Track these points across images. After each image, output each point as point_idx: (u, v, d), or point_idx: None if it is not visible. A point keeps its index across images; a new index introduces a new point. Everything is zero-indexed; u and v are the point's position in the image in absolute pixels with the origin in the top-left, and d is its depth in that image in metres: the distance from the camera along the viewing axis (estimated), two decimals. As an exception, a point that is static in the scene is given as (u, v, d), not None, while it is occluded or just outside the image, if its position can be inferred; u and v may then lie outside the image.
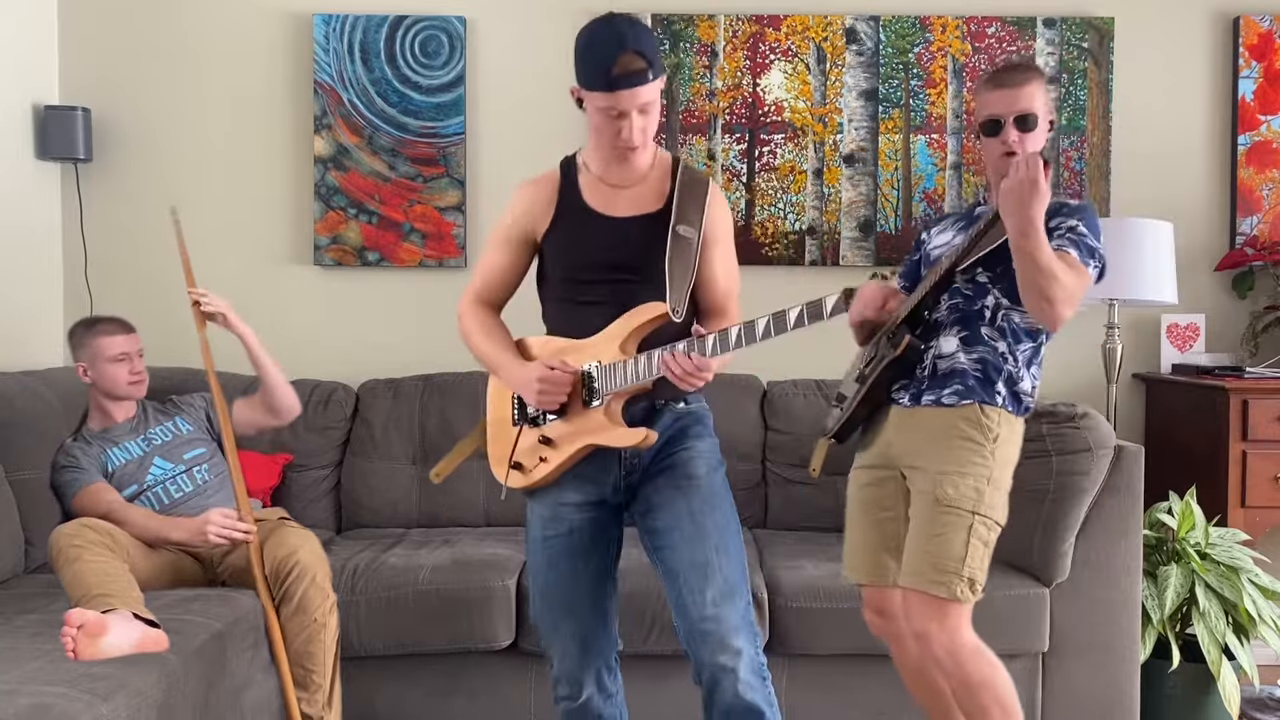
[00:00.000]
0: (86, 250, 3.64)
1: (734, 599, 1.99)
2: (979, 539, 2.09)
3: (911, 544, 2.15)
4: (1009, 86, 2.17)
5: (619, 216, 2.09)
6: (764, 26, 3.64)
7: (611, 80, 1.93)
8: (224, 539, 2.57)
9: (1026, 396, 2.21)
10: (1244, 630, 2.90)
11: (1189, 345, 3.63)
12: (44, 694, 1.86)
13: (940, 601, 2.08)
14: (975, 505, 2.09)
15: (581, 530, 2.11)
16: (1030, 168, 1.95)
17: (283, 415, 2.93)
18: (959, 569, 2.07)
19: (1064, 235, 2.13)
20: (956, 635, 2.09)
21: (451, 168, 3.65)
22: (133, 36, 3.67)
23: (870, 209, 3.66)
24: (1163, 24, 3.69)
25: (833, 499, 3.30)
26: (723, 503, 2.09)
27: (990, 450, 2.13)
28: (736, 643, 1.97)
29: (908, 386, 2.22)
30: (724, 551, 2.02)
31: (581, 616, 2.12)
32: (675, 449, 2.10)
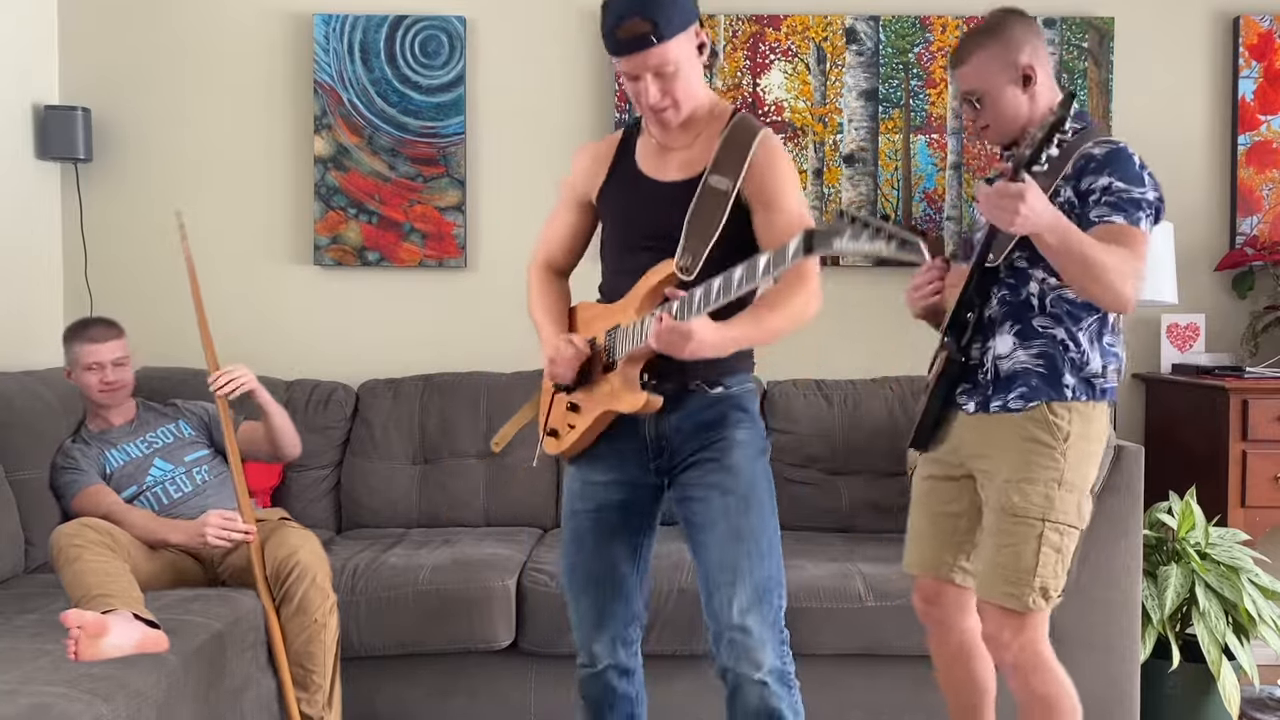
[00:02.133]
0: (86, 250, 3.64)
1: (762, 607, 1.94)
2: (1050, 546, 2.03)
3: (983, 554, 2.11)
4: (953, 68, 2.16)
5: (665, 180, 2.00)
6: (764, 26, 3.64)
7: (617, 44, 1.88)
8: (222, 540, 2.57)
9: (1099, 378, 2.07)
10: (1244, 630, 2.90)
11: (1189, 345, 3.63)
12: (44, 694, 1.86)
13: (1013, 613, 2.05)
14: (1045, 512, 2.02)
15: (609, 509, 2.08)
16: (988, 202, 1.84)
17: (286, 456, 2.94)
18: (1029, 580, 2.03)
19: (1100, 201, 1.98)
20: (1029, 646, 2.07)
21: (451, 168, 3.65)
22: (133, 36, 3.67)
23: (870, 209, 3.66)
24: (1163, 24, 3.69)
25: (833, 499, 3.31)
26: (762, 500, 2.00)
27: (1061, 451, 2.04)
28: (762, 655, 1.93)
29: (972, 392, 2.14)
30: (757, 555, 1.95)
31: (600, 588, 2.10)
32: (714, 437, 2.01)
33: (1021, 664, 2.08)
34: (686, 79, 1.92)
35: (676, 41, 1.88)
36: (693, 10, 1.91)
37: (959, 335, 2.12)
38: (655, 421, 2.02)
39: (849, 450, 3.34)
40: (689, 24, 1.90)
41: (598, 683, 2.16)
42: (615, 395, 2.00)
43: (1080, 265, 1.89)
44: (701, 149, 2.00)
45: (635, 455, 2.06)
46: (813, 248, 1.70)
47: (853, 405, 3.39)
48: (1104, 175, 1.99)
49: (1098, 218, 1.96)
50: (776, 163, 1.97)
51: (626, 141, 2.09)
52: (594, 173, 2.10)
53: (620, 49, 1.88)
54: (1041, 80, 2.11)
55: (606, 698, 2.18)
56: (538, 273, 2.21)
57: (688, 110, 1.96)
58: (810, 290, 1.96)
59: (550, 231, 2.21)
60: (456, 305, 3.71)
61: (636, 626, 2.17)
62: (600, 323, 2.07)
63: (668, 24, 1.85)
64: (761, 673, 1.93)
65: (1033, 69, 2.09)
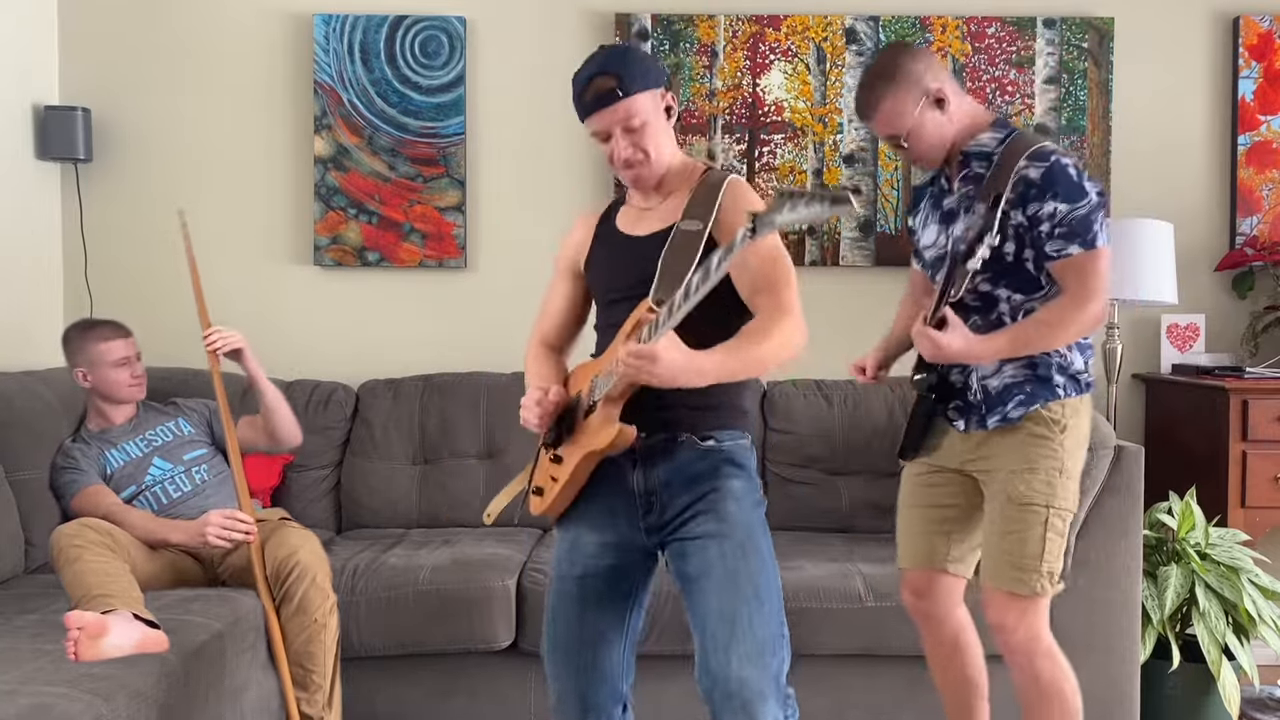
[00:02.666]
0: (86, 250, 3.64)
1: (763, 658, 1.80)
2: (1054, 531, 2.12)
3: (989, 544, 2.18)
4: (865, 119, 2.21)
5: (641, 235, 2.01)
6: (764, 26, 3.64)
7: (584, 107, 1.95)
8: (223, 540, 2.57)
9: (1083, 374, 2.18)
10: (1244, 630, 2.90)
11: (1189, 345, 3.63)
12: (44, 694, 1.86)
13: (1021, 598, 2.13)
14: (1048, 499, 2.11)
15: (596, 576, 1.98)
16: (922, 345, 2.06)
17: (285, 444, 2.94)
18: (1037, 565, 2.11)
19: (1054, 234, 2.05)
20: (1034, 631, 2.15)
21: (451, 168, 3.65)
22: (133, 36, 3.67)
23: (870, 209, 3.66)
24: (1163, 24, 3.69)
25: (832, 499, 3.31)
26: (759, 548, 1.90)
27: (1059, 442, 2.13)
28: (762, 710, 1.78)
29: (963, 411, 2.21)
30: (755, 602, 1.83)
31: (582, 672, 1.99)
32: (705, 489, 1.93)
33: (1027, 648, 2.15)
34: (655, 133, 1.97)
35: (642, 97, 1.94)
36: (660, 74, 1.98)
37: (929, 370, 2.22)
38: (644, 474, 1.95)
39: (849, 450, 3.34)
40: (655, 85, 1.96)
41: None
42: (593, 434, 1.92)
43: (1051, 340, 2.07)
44: (675, 203, 2.01)
45: (625, 511, 1.97)
46: (757, 229, 1.66)
47: (853, 405, 3.39)
48: (1048, 200, 2.04)
49: (1055, 251, 2.06)
50: (745, 199, 1.96)
51: (610, 210, 2.13)
52: (582, 241, 2.12)
53: (588, 109, 1.94)
54: (951, 94, 2.17)
55: None
56: (533, 348, 2.19)
57: (660, 165, 1.99)
58: (793, 321, 1.88)
59: (545, 304, 2.20)
60: (456, 305, 3.71)
61: (622, 707, 2.05)
62: (586, 374, 2.02)
63: (631, 80, 1.92)
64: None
65: (942, 90, 2.15)
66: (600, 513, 1.99)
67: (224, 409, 2.73)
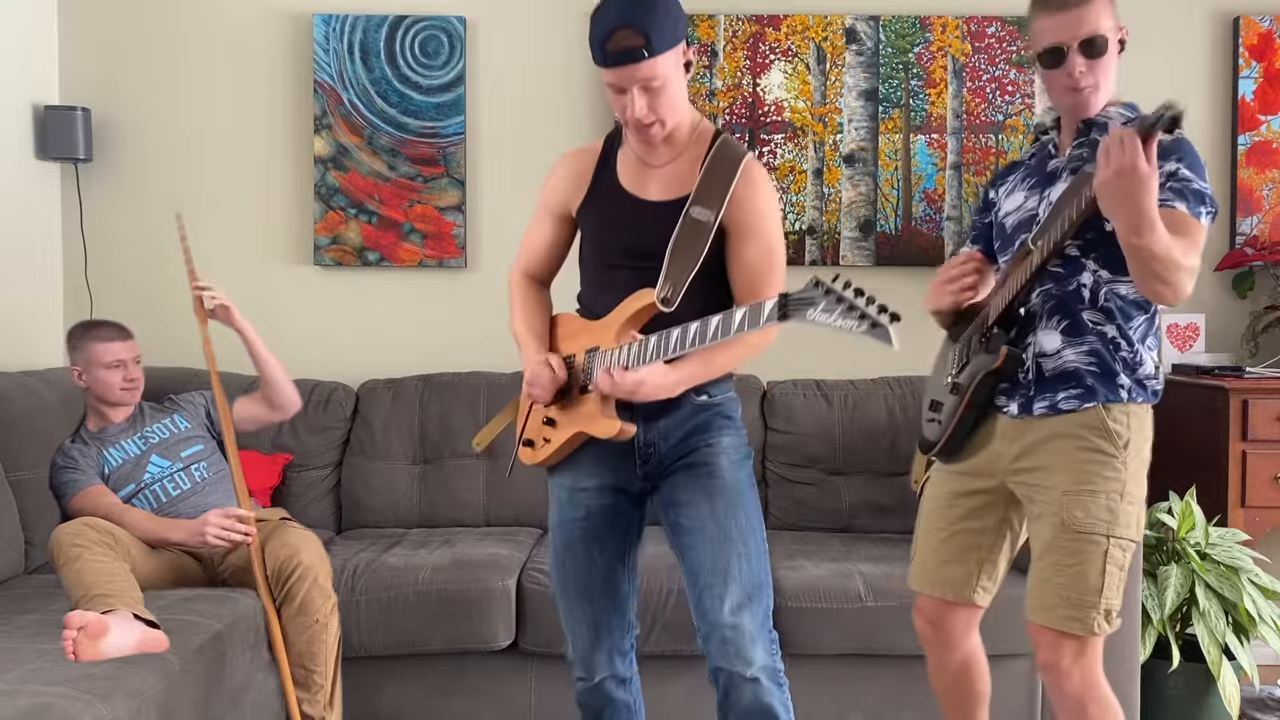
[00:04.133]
0: (86, 250, 3.64)
1: (753, 605, 1.97)
2: (1115, 564, 1.88)
3: (1039, 575, 1.93)
4: (1070, 7, 1.89)
5: (648, 200, 2.01)
6: (764, 26, 3.64)
7: (606, 56, 1.87)
8: (221, 541, 2.57)
9: (1152, 380, 1.93)
10: (1244, 630, 2.90)
11: (1189, 345, 3.63)
12: (44, 694, 1.86)
13: (1077, 639, 1.90)
14: (1110, 528, 1.87)
15: (598, 516, 2.09)
16: (1128, 151, 1.62)
17: (284, 410, 2.94)
18: (1096, 601, 1.87)
19: (1165, 186, 1.81)
20: (1090, 676, 1.93)
21: (451, 168, 3.65)
22: (133, 36, 3.67)
23: (870, 209, 3.66)
24: (1163, 24, 3.69)
25: (833, 499, 3.31)
26: (747, 502, 2.04)
27: (1123, 460, 1.88)
28: (754, 652, 1.95)
29: (1012, 392, 1.97)
30: (746, 555, 1.98)
31: (594, 601, 2.11)
32: (698, 443, 2.05)
33: (1080, 694, 1.92)
34: (672, 95, 1.93)
35: (666, 57, 1.88)
36: (683, 27, 1.92)
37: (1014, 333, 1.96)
38: (644, 428, 2.04)
39: (849, 450, 3.34)
40: (679, 40, 1.91)
41: (597, 695, 2.17)
42: (591, 419, 2.01)
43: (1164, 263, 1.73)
44: (684, 169, 2.01)
45: (623, 461, 2.07)
46: (788, 316, 1.72)
47: (853, 405, 3.39)
48: (1171, 160, 1.86)
49: (1161, 201, 1.77)
50: (757, 193, 1.99)
51: (607, 153, 2.09)
52: (574, 185, 2.10)
53: (610, 60, 1.87)
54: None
55: (606, 709, 2.19)
56: (519, 282, 2.21)
57: (671, 126, 1.97)
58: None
59: (530, 241, 2.21)
60: (456, 305, 3.70)
61: (631, 635, 2.19)
62: (581, 340, 2.07)
63: (660, 39, 1.85)
64: (754, 669, 1.95)
65: (1125, 35, 1.96)
66: (597, 460, 2.08)
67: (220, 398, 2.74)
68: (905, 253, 3.64)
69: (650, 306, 1.95)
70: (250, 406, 2.92)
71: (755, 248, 1.98)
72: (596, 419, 2.00)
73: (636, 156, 2.04)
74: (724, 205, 1.94)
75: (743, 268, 1.99)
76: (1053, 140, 2.06)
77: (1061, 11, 1.89)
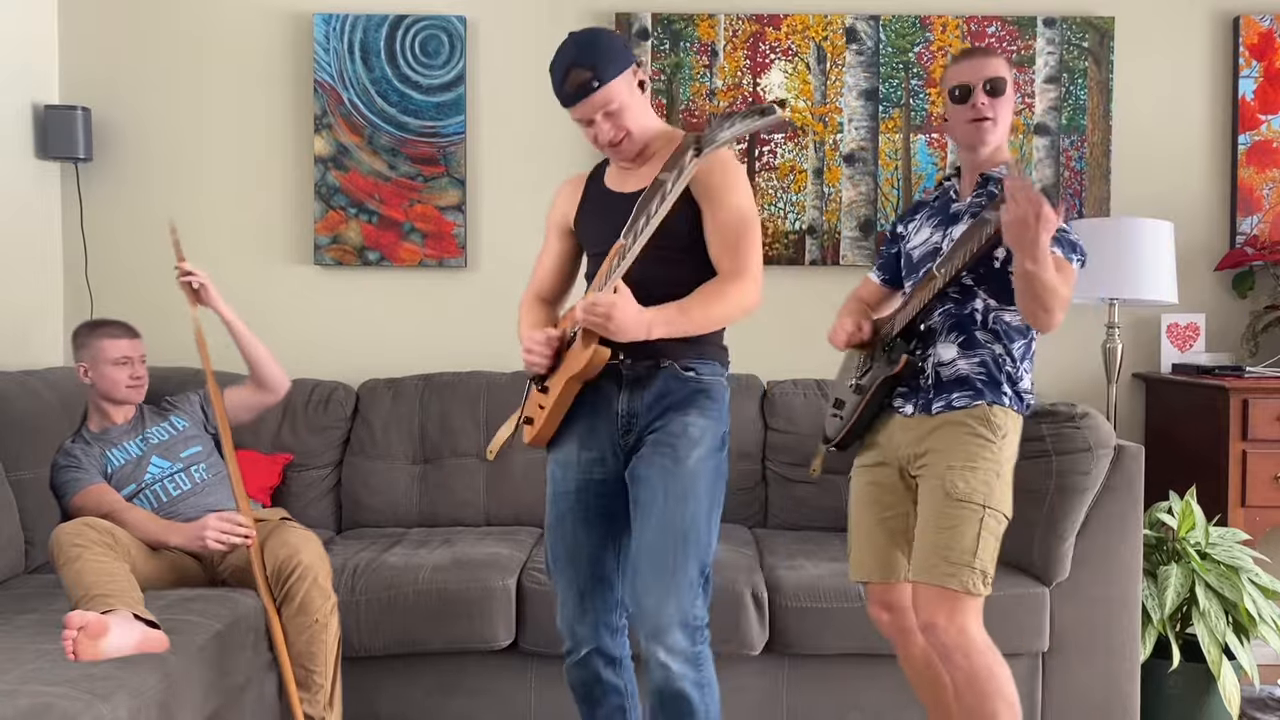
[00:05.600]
0: (86, 250, 3.64)
1: (678, 595, 2.04)
2: (990, 532, 2.11)
3: (922, 538, 2.16)
4: (977, 57, 2.21)
5: (628, 192, 2.16)
6: (764, 26, 3.64)
7: (565, 97, 2.09)
8: (220, 545, 2.57)
9: (1028, 394, 2.24)
10: (1244, 630, 2.90)
11: (1189, 345, 3.63)
12: (44, 694, 1.86)
13: (952, 594, 2.09)
14: (986, 499, 2.12)
15: (587, 490, 2.17)
16: (1032, 201, 1.90)
17: (274, 389, 2.94)
18: (971, 561, 2.09)
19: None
20: (966, 628, 2.11)
21: (451, 167, 3.65)
22: (133, 36, 3.67)
23: (870, 209, 3.66)
24: (1163, 24, 3.69)
25: (833, 499, 3.31)
26: (704, 494, 2.09)
27: (999, 446, 2.16)
28: (671, 637, 2.03)
29: (909, 396, 2.26)
30: (683, 544, 2.05)
31: (579, 569, 2.19)
32: (672, 418, 2.11)
33: (962, 644, 2.10)
34: (632, 112, 2.11)
35: (616, 83, 2.08)
36: (628, 53, 2.12)
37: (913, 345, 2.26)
38: (628, 397, 2.13)
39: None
40: (626, 66, 2.10)
41: (583, 670, 2.22)
42: (572, 359, 2.10)
43: (1048, 291, 2.00)
44: (659, 163, 2.15)
45: (607, 430, 2.15)
46: (702, 148, 1.93)
47: (853, 405, 3.38)
48: None
49: None
50: (718, 160, 2.10)
51: (597, 172, 2.29)
52: (569, 201, 2.29)
53: (569, 100, 2.09)
54: None
55: (593, 687, 2.23)
56: (527, 302, 2.36)
57: (641, 136, 2.15)
58: (747, 284, 2.07)
59: (539, 265, 2.36)
60: (456, 305, 3.71)
61: (620, 613, 2.23)
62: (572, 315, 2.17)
63: (605, 69, 2.07)
64: (668, 654, 2.03)
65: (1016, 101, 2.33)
66: (586, 431, 2.17)
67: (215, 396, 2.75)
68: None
69: (618, 247, 2.06)
70: (240, 393, 2.93)
71: (725, 212, 2.09)
72: (577, 356, 2.08)
73: (620, 167, 2.23)
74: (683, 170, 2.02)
75: (719, 233, 2.09)
76: (954, 186, 2.34)
77: (969, 60, 2.22)
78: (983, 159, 2.24)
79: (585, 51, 2.07)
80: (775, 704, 2.82)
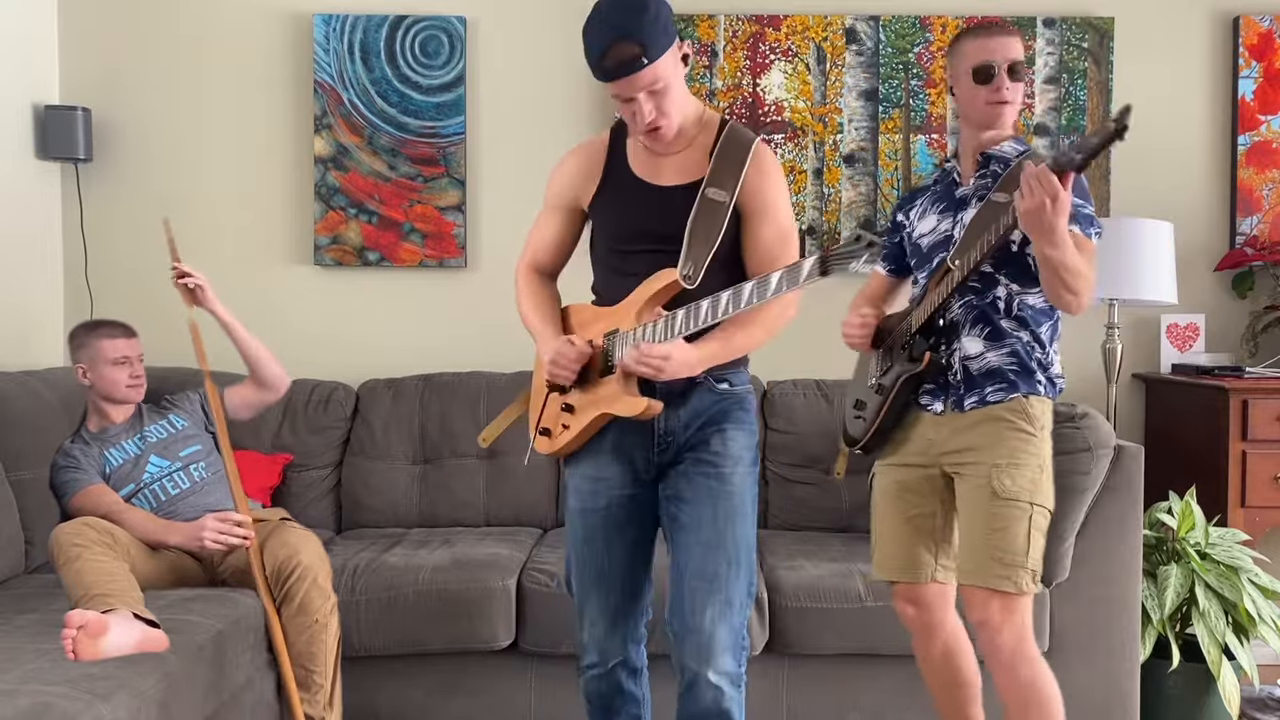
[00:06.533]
0: (86, 250, 3.64)
1: (732, 616, 2.02)
2: (1038, 529, 2.10)
3: (970, 539, 2.14)
4: (998, 35, 2.13)
5: (663, 185, 2.05)
6: (764, 26, 3.64)
7: (606, 71, 1.92)
8: (219, 545, 2.57)
9: (1059, 378, 2.21)
10: (1244, 630, 2.90)
11: (1189, 345, 3.63)
12: (44, 694, 1.86)
13: (1007, 596, 2.08)
14: (1033, 495, 2.09)
15: (619, 507, 2.10)
16: (1046, 185, 1.87)
17: (274, 388, 2.93)
18: (1024, 561, 2.07)
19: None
20: (1020, 629, 2.10)
21: (451, 167, 3.65)
22: (133, 36, 3.67)
23: (870, 209, 3.66)
24: (1163, 24, 3.69)
25: (832, 499, 3.31)
26: (748, 514, 2.07)
27: (1040, 440, 2.14)
28: (724, 660, 2.01)
29: (938, 393, 2.20)
30: (735, 566, 2.02)
31: (613, 590, 2.12)
32: (712, 433, 2.06)
33: (1013, 649, 2.09)
34: (676, 93, 1.98)
35: (664, 60, 1.92)
36: (674, 27, 1.96)
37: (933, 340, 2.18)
38: (665, 415, 2.04)
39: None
40: (672, 40, 1.94)
41: (607, 682, 2.17)
42: (614, 399, 2.02)
43: (1071, 273, 1.97)
44: (695, 156, 2.05)
45: (641, 449, 2.08)
46: (829, 271, 1.82)
47: (853, 405, 3.38)
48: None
49: None
50: (769, 174, 2.07)
51: (615, 144, 2.13)
52: (585, 178, 2.13)
53: (611, 74, 1.91)
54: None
55: (614, 699, 2.19)
56: (526, 275, 2.23)
57: (679, 121, 2.01)
58: (786, 301, 2.00)
59: (538, 237, 2.22)
60: (456, 305, 3.70)
61: (645, 621, 2.20)
62: (599, 325, 2.09)
63: (654, 44, 1.90)
64: (721, 677, 2.00)
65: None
66: (616, 448, 2.09)
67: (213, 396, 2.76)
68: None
69: (673, 285, 1.97)
70: (241, 391, 2.92)
71: (770, 228, 2.05)
72: (620, 398, 2.00)
73: (646, 149, 2.08)
74: (738, 185, 2.00)
75: (758, 248, 2.04)
76: (955, 169, 2.27)
77: (993, 36, 2.13)
78: (985, 139, 2.19)
79: (633, 21, 1.88)
80: (775, 704, 2.82)
